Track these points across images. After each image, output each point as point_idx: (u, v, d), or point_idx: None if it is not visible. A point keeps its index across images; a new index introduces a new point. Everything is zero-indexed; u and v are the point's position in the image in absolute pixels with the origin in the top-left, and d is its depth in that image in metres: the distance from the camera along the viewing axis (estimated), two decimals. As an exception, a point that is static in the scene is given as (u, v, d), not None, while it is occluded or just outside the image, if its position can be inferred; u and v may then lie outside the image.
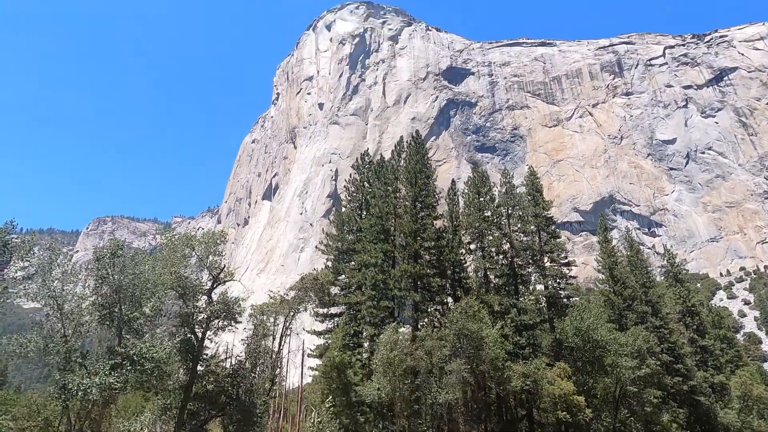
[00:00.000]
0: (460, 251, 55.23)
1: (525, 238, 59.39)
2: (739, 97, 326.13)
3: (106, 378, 27.44)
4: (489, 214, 57.73)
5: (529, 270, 58.47)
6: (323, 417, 32.28)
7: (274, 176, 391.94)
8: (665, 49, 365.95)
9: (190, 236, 37.68)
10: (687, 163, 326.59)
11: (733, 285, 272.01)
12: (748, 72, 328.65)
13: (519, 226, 59.34)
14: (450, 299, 52.30)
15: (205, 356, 34.56)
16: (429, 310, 52.26)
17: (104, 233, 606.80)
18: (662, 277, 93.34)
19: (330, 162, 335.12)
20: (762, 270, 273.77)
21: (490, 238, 56.41)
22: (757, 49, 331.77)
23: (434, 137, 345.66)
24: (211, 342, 36.12)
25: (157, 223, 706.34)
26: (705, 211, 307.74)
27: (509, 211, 59.33)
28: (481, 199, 58.37)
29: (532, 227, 59.59)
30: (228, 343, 63.07)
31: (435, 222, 52.92)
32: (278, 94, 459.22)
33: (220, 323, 34.45)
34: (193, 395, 32.70)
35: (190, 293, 33.95)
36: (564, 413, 45.01)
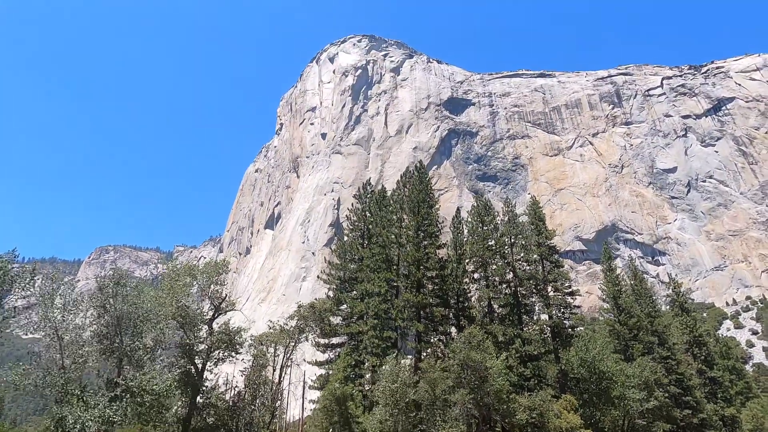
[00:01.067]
0: (464, 280, 54.90)
1: (528, 267, 59.07)
2: (737, 126, 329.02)
3: (104, 411, 26.94)
4: (492, 242, 57.61)
5: (533, 299, 57.97)
6: (324, 451, 31.51)
7: (276, 205, 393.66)
8: (663, 79, 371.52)
9: (191, 266, 37.62)
10: (688, 191, 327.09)
11: (740, 314, 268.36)
12: (746, 102, 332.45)
13: (522, 254, 59.12)
14: (453, 329, 51.71)
15: (204, 388, 34.00)
16: (432, 340, 51.61)
17: (106, 262, 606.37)
18: (667, 307, 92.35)
19: (332, 191, 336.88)
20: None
21: (494, 267, 56.13)
22: (754, 80, 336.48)
23: (436, 166, 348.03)
24: (211, 373, 35.58)
25: (159, 252, 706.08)
26: (708, 239, 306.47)
27: (512, 240, 59.19)
28: (485, 227, 58.34)
29: (536, 256, 59.36)
30: (228, 374, 62.12)
31: (438, 251, 52.80)
32: (282, 124, 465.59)
33: (221, 354, 34.00)
34: (192, 429, 32.04)
35: (191, 323, 33.65)
36: (571, 447, 43.88)
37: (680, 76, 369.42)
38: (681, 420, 58.85)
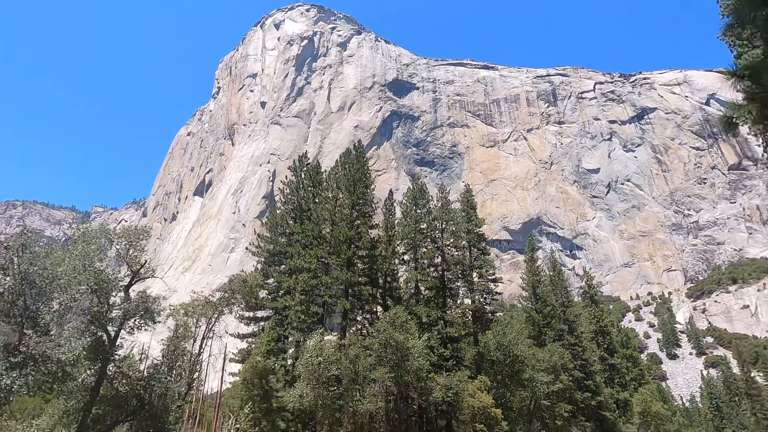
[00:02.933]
0: (393, 261, 55.68)
1: (456, 253, 60.89)
2: (656, 135, 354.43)
3: (1, 379, 24.97)
4: (424, 226, 58.72)
5: (459, 284, 59.92)
6: (241, 423, 31.13)
7: (208, 172, 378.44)
8: (596, 84, 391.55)
9: (109, 228, 35.39)
10: (608, 192, 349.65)
11: (641, 308, 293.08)
12: (666, 113, 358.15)
13: (452, 240, 60.77)
14: (380, 308, 52.46)
15: (116, 356, 32.36)
16: (358, 318, 52.16)
17: (12, 218, 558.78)
18: (579, 298, 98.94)
19: (268, 162, 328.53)
20: (666, 296, 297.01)
21: (424, 250, 57.32)
22: (674, 93, 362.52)
23: (376, 147, 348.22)
24: (125, 342, 33.93)
25: (75, 211, 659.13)
26: (621, 238, 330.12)
27: (444, 225, 60.62)
28: (418, 211, 59.29)
29: (464, 242, 61.24)
30: (144, 344, 59.62)
31: (370, 231, 53.08)
32: (219, 88, 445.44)
33: (137, 322, 32.39)
34: (99, 398, 30.52)
35: (105, 289, 31.74)
36: (482, 425, 46.23)
37: (611, 82, 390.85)
38: (581, 402, 63.64)
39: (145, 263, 36.26)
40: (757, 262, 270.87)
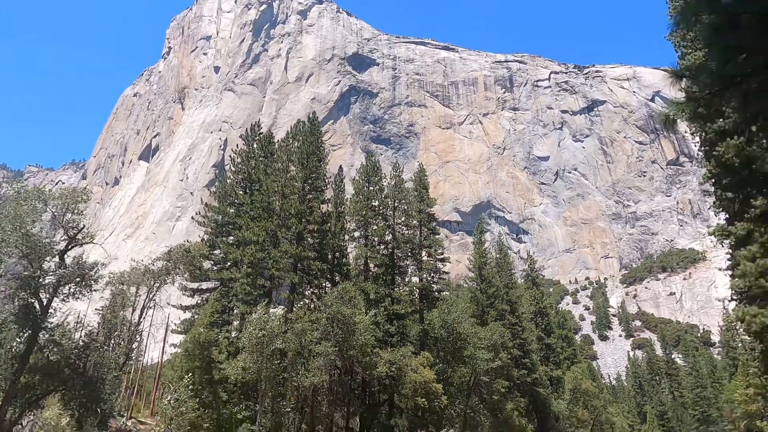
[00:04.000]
0: (343, 237, 55.66)
1: (407, 231, 61.53)
2: (604, 127, 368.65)
3: None
4: (376, 204, 58.83)
5: (407, 262, 60.74)
6: (181, 394, 30.64)
7: (155, 136, 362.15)
8: (551, 73, 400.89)
9: (43, 189, 33.34)
10: (555, 179, 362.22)
11: (578, 292, 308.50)
12: (614, 107, 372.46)
13: (403, 219, 61.29)
14: (328, 284, 52.52)
15: (49, 324, 30.87)
16: (306, 292, 52.02)
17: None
18: (522, 280, 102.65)
19: (220, 130, 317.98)
20: (602, 281, 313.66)
21: (375, 227, 57.54)
22: (623, 88, 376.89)
23: (332, 121, 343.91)
24: (59, 310, 32.38)
25: (6, 169, 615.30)
26: (564, 224, 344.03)
27: (396, 204, 60.98)
28: (371, 188, 59.26)
29: (415, 222, 61.93)
30: (81, 312, 57.21)
31: (321, 206, 52.67)
32: (170, 48, 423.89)
33: (72, 289, 30.90)
34: (29, 367, 29.11)
35: (38, 253, 30.01)
36: (423, 399, 47.61)
37: (566, 73, 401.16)
38: (518, 378, 66.65)
39: (83, 228, 34.49)
40: (685, 253, 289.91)
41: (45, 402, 31.65)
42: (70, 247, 33.63)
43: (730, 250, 27.27)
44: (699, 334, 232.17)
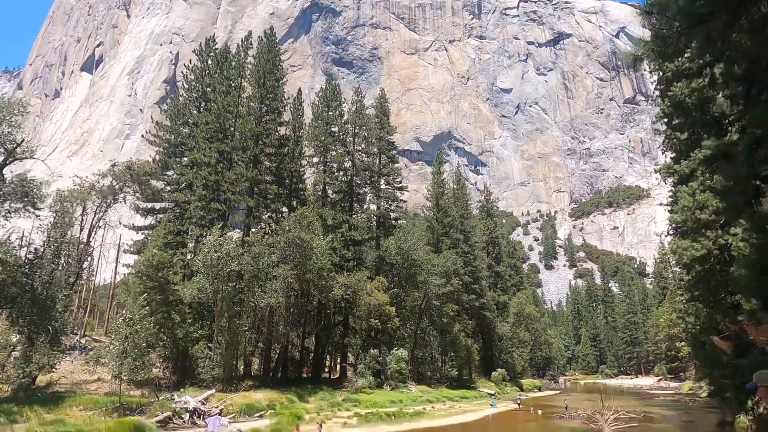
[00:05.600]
0: (301, 162, 54.80)
1: (367, 159, 61.23)
2: (568, 62, 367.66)
3: None
4: (336, 129, 57.74)
5: (366, 189, 60.97)
6: (135, 314, 30.67)
7: (98, 45, 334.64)
8: (520, 2, 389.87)
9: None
10: (516, 112, 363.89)
11: (529, 224, 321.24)
12: (579, 41, 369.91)
13: (363, 146, 60.71)
14: (285, 209, 52.26)
15: (-10, 242, 29.63)
16: (264, 217, 51.70)
17: None
18: (478, 211, 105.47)
19: (171, 43, 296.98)
20: (552, 214, 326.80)
21: (334, 153, 56.84)
22: (590, 22, 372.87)
23: (292, 40, 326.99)
24: (1, 228, 30.97)
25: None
26: (522, 158, 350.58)
27: (356, 130, 60.05)
28: (330, 113, 57.83)
29: (375, 149, 61.53)
30: (24, 231, 54.94)
31: (279, 128, 51.13)
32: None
33: (13, 206, 29.43)
34: (-29, 285, 28.22)
35: (-28, 167, 28.13)
36: (376, 321, 49.83)
37: (535, 2, 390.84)
38: (467, 303, 70.32)
39: (22, 142, 32.33)
40: (631, 189, 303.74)
41: (-8, 320, 31.06)
42: (8, 161, 31.60)
43: (673, 188, 28.74)
44: (636, 266, 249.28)
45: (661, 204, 38.28)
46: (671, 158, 28.56)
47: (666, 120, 28.12)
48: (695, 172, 20.83)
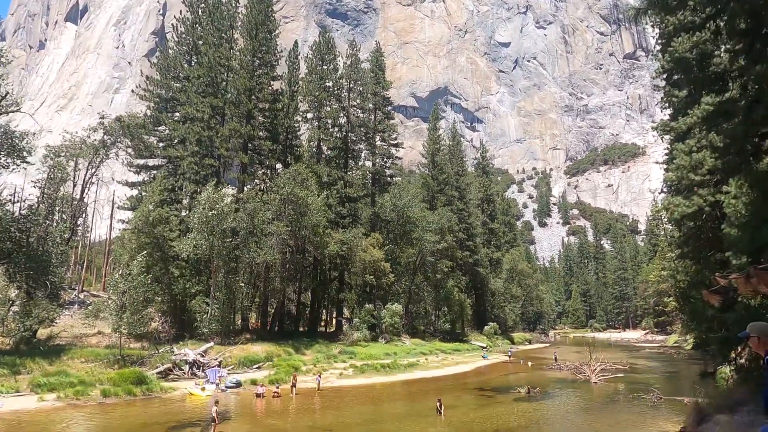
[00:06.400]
0: (296, 118, 53.99)
1: (362, 115, 60.41)
2: (568, 14, 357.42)
3: None
4: (330, 84, 56.62)
5: (361, 146, 60.47)
6: (133, 269, 30.93)
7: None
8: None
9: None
10: (514, 68, 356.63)
11: (524, 181, 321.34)
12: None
13: (358, 101, 59.76)
14: (280, 165, 51.89)
15: (-18, 197, 29.42)
16: (258, 173, 51.41)
17: None
18: (473, 168, 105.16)
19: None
20: (547, 172, 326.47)
21: (328, 109, 55.97)
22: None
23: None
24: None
25: None
26: (518, 114, 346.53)
27: (351, 85, 58.93)
28: (325, 67, 56.54)
29: (370, 105, 60.61)
30: (17, 186, 54.45)
31: (272, 83, 50.06)
32: None
33: (3, 160, 29.05)
34: (-33, 240, 28.19)
35: (-41, 119, 27.55)
36: (371, 277, 50.56)
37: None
38: (461, 259, 71.21)
39: (6, 95, 31.56)
40: (627, 147, 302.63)
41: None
42: (-5, 115, 30.99)
43: (669, 146, 28.64)
44: (628, 223, 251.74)
45: (656, 162, 38.36)
46: (669, 115, 28.32)
47: (665, 76, 27.67)
48: (692, 130, 20.70)
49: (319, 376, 31.32)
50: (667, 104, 28.18)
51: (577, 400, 27.82)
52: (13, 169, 29.20)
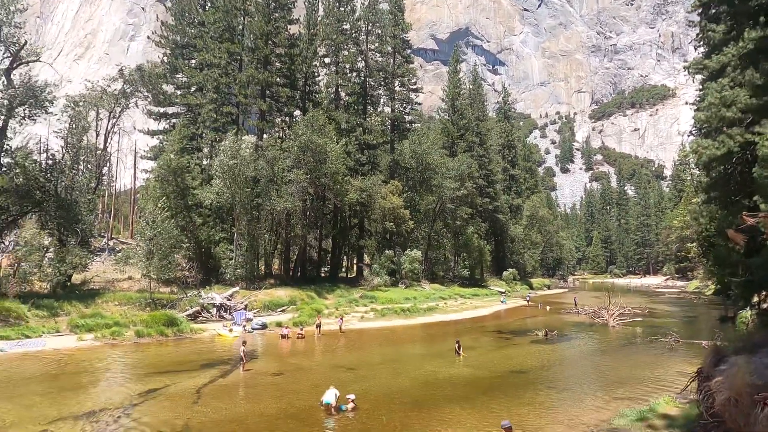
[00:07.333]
0: (314, 63, 52.86)
1: (380, 59, 58.84)
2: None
3: None
4: (348, 27, 54.91)
5: (380, 91, 59.28)
6: (157, 216, 31.70)
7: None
8: None
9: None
10: (539, 5, 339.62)
11: (547, 126, 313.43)
12: None
13: (376, 45, 58.06)
14: (298, 111, 51.40)
15: (8, 147, 30.00)
16: (276, 120, 51.13)
17: None
18: (494, 113, 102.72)
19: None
20: (571, 116, 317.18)
21: (346, 53, 54.59)
22: None
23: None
24: (17, 133, 31.17)
25: None
26: (542, 56, 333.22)
27: (369, 28, 57.11)
28: (342, 9, 54.63)
29: (389, 48, 58.86)
30: (41, 137, 55.33)
31: (290, 27, 48.78)
32: None
33: (26, 111, 29.36)
34: (-1, 189, 29.06)
35: (-20, 71, 27.73)
36: (391, 224, 50.93)
37: None
38: (480, 206, 70.92)
39: (25, 44, 31.51)
40: (656, 89, 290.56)
41: (22, 223, 32.37)
42: (14, 65, 31.07)
43: (701, 86, 27.35)
44: (654, 169, 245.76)
45: (687, 103, 36.80)
46: (703, 53, 26.87)
47: (701, 10, 26.04)
48: (727, 68, 19.66)
49: (341, 318, 32.35)
50: (701, 41, 26.65)
51: (594, 342, 28.29)
52: (38, 121, 29.58)
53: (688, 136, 36.63)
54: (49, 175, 31.03)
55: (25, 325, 24.07)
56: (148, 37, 61.48)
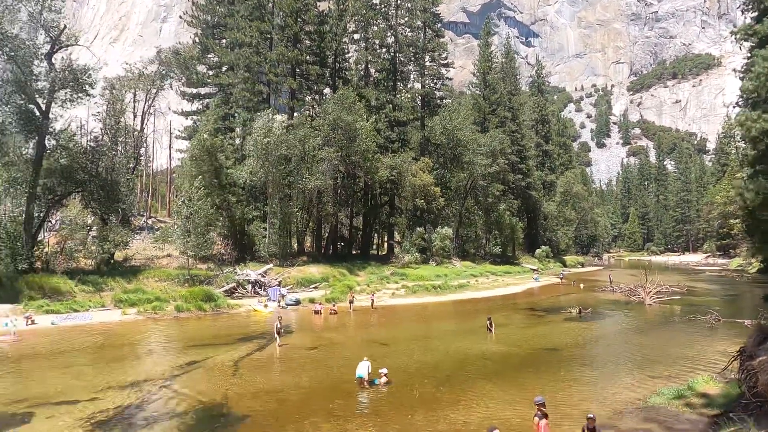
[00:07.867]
0: (344, 40, 52.43)
1: (410, 34, 57.83)
2: None
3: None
4: (377, 1, 54.09)
5: (410, 67, 58.45)
6: (193, 195, 32.51)
7: None
8: None
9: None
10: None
11: (583, 99, 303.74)
12: None
13: (406, 19, 57.04)
14: (328, 89, 51.32)
15: (52, 129, 31.09)
16: (306, 98, 51.23)
17: None
18: (527, 87, 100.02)
19: None
20: (609, 89, 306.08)
21: (375, 29, 53.89)
22: None
23: None
24: (60, 117, 32.28)
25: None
26: (578, 26, 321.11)
27: (398, 2, 56.09)
28: (371, -18, 53.77)
29: (419, 22, 57.73)
30: (81, 119, 57.06)
31: (319, 4, 48.38)
32: None
33: (68, 94, 30.28)
34: (45, 171, 30.26)
35: (23, 56, 28.60)
36: (421, 201, 50.77)
37: None
38: (512, 183, 69.80)
39: (64, 28, 32.28)
40: (700, 58, 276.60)
41: (67, 202, 33.71)
42: (55, 49, 31.89)
43: (749, 53, 25.89)
44: (696, 142, 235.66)
45: (734, 70, 34.85)
46: (753, 18, 25.36)
47: (752, -28, 24.50)
48: (779, 33, 18.53)
49: (373, 295, 32.73)
50: (751, 5, 25.15)
51: (630, 321, 27.80)
52: (79, 104, 30.48)
53: (734, 107, 34.86)
54: (91, 156, 32.11)
55: (72, 300, 25.32)
56: (180, 17, 62.03)
